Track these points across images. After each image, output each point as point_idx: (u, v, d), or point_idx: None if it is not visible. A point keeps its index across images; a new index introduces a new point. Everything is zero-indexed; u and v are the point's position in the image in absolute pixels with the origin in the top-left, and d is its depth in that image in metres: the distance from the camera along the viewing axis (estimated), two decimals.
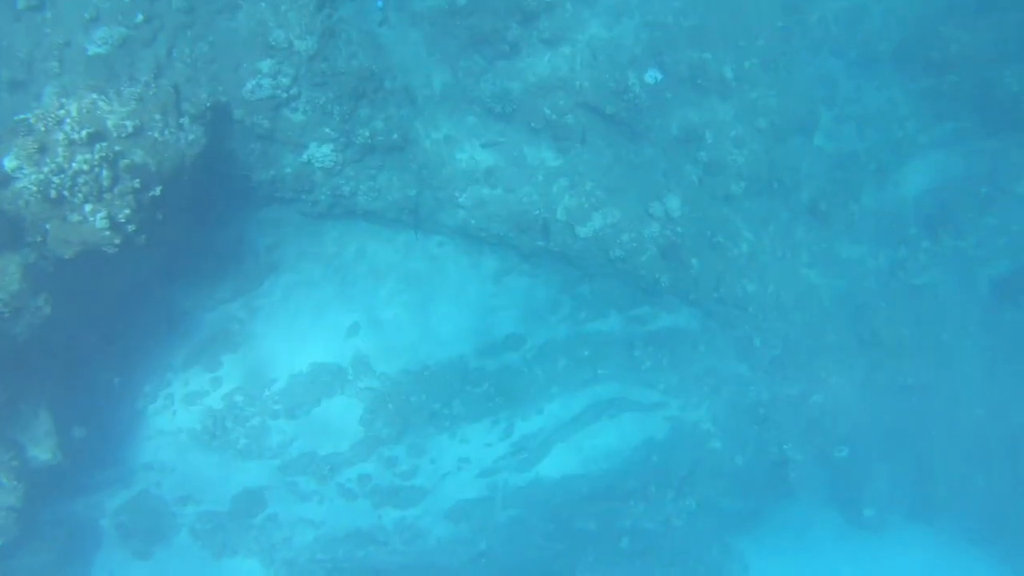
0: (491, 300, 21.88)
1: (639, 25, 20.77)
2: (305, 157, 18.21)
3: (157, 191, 13.96)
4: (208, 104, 16.09)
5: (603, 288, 22.00)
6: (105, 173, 13.21)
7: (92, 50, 15.35)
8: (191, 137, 15.22)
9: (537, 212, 19.85)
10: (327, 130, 18.01)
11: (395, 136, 18.64)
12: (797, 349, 22.59)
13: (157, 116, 14.66)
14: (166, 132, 14.73)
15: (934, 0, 21.68)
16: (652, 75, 20.30)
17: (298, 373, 20.98)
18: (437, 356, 21.66)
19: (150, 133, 14.46)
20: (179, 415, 20.68)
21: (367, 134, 18.26)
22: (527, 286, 22.11)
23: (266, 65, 17.03)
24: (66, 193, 12.92)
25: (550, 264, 21.88)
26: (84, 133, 13.31)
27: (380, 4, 18.78)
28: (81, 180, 12.98)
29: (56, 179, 12.86)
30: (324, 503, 21.93)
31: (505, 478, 22.75)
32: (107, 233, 13.52)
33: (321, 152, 18.15)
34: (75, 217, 13.28)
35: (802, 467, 23.47)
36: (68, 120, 13.42)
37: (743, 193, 21.08)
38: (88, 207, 13.19)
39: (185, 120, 15.29)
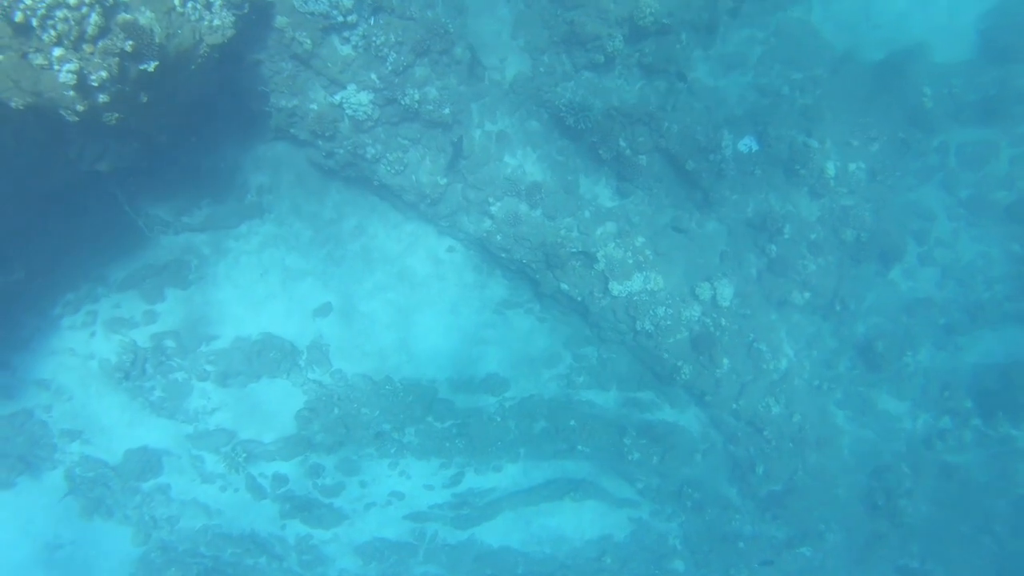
0: (485, 331, 18.92)
1: (749, 85, 18.20)
2: (338, 99, 15.30)
3: (151, 67, 10.91)
4: None
5: (612, 358, 19.12)
6: (94, 17, 10.18)
7: None
8: (216, 23, 12.24)
9: (574, 250, 17.01)
10: (373, 76, 15.13)
11: (447, 111, 15.79)
12: (800, 492, 19.72)
13: None
14: (189, 5, 11.78)
15: None
16: (747, 143, 17.70)
17: (245, 337, 17.85)
18: (405, 372, 18.61)
19: None
20: (97, 339, 17.46)
21: (416, 97, 15.40)
22: (529, 328, 19.18)
23: None
24: (34, 22, 9.87)
25: (562, 313, 19.02)
26: None
27: None
28: (59, 15, 9.93)
29: None
30: (227, 492, 18.74)
31: (436, 530, 19.62)
32: (70, 93, 10.45)
33: (357, 99, 15.26)
34: (38, 59, 10.22)
35: None
36: None
37: (803, 305, 18.36)
38: (57, 52, 10.13)
39: (217, 1, 12.35)
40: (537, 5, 16.56)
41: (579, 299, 17.57)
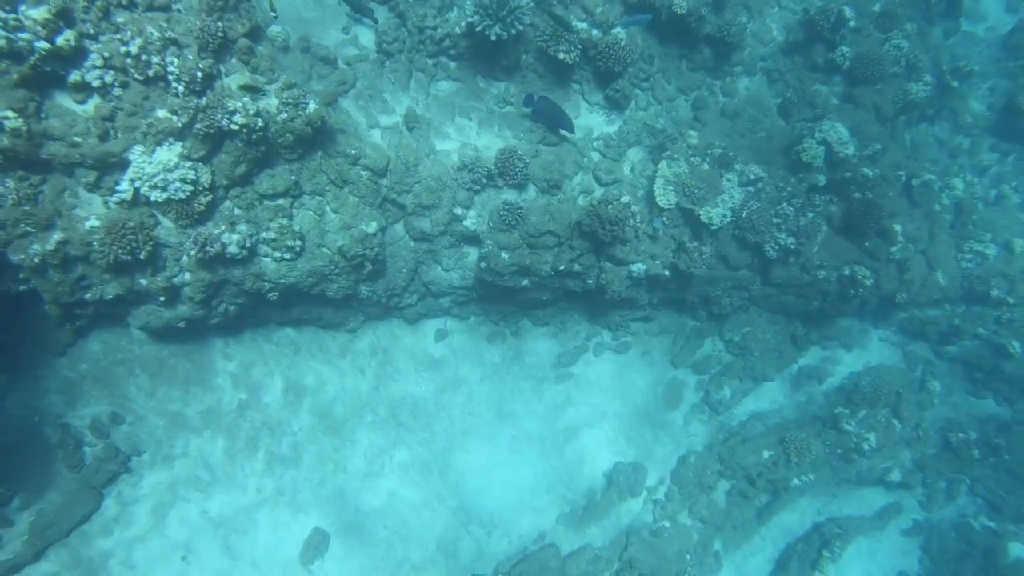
0: (561, 415, 11.62)
1: None
2: (125, 187, 8.14)
3: None
4: None
5: (746, 333, 12.21)
6: None
7: None
8: None
9: (624, 201, 10.25)
10: (163, 114, 8.12)
11: (311, 108, 8.91)
12: None
13: None
14: None
15: None
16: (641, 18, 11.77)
17: None
18: (495, 551, 10.85)
19: None
20: None
21: (252, 110, 8.48)
22: (613, 373, 12.08)
23: None
24: None
25: (644, 322, 12.10)
26: None
27: None
28: None
29: None
30: None
31: None
32: None
33: (159, 164, 8.13)
34: None
35: None
36: None
37: (922, 100, 12.36)
38: None
39: None
40: None
41: (666, 272, 10.69)
